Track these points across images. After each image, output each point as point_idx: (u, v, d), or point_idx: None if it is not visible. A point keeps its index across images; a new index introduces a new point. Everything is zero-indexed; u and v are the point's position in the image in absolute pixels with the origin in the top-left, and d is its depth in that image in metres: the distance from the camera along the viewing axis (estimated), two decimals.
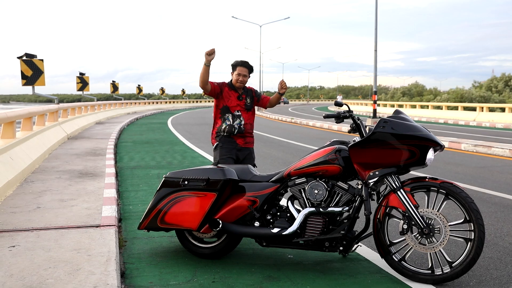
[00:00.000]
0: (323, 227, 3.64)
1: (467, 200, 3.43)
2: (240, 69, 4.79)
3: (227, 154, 4.71)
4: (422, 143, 3.49)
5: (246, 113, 4.84)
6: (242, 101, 4.86)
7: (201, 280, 3.55)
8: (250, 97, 4.92)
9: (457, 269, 3.43)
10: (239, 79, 4.78)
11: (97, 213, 5.00)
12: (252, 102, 4.92)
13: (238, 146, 4.77)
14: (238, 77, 4.78)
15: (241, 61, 4.85)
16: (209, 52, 4.48)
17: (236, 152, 4.76)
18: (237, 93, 4.85)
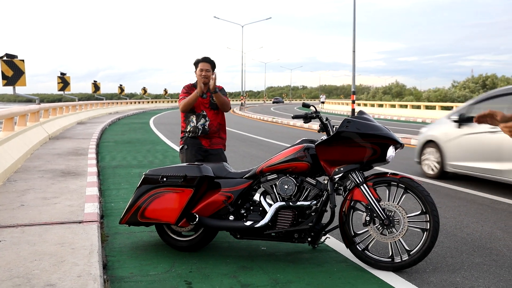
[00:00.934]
0: (292, 219, 3.91)
1: (424, 193, 3.74)
2: (202, 65, 4.80)
3: (192, 158, 4.74)
4: (383, 141, 3.78)
5: (213, 112, 4.83)
6: (207, 99, 4.84)
7: (179, 270, 3.80)
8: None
9: (414, 256, 3.73)
10: (202, 74, 4.77)
11: (79, 210, 5.20)
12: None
13: (203, 147, 4.80)
14: (201, 72, 4.77)
15: (203, 57, 4.88)
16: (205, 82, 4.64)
17: (203, 153, 4.79)
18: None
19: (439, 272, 3.77)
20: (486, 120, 2.59)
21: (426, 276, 3.69)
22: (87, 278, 3.26)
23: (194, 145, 4.80)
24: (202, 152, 4.80)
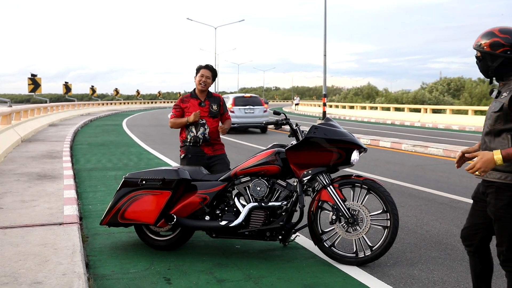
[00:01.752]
0: (265, 219, 4.19)
1: (385, 194, 4.08)
2: (203, 71, 4.95)
3: (195, 164, 4.76)
4: (347, 146, 4.10)
5: (212, 119, 4.94)
6: (206, 107, 4.95)
7: (158, 268, 4.03)
8: (216, 104, 5.02)
9: (376, 252, 4.06)
10: (201, 80, 4.91)
11: (59, 212, 5.36)
12: (219, 110, 5.03)
13: (206, 155, 4.92)
14: (201, 78, 4.91)
15: (205, 65, 5.01)
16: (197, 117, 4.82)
17: (206, 161, 4.89)
18: (199, 99, 4.99)
19: (398, 266, 4.11)
20: (464, 160, 2.96)
21: (387, 269, 4.03)
22: (71, 276, 3.47)
23: (196, 153, 4.89)
24: (205, 160, 4.90)
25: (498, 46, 2.68)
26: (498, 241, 2.76)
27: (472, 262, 3.01)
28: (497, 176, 2.69)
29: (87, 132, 19.53)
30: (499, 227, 2.73)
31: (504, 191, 2.66)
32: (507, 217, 2.67)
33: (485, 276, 2.97)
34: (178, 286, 3.65)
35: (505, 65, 2.70)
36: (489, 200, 2.76)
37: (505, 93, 2.67)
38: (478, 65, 2.82)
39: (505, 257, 2.73)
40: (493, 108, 2.72)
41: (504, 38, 2.68)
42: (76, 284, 3.31)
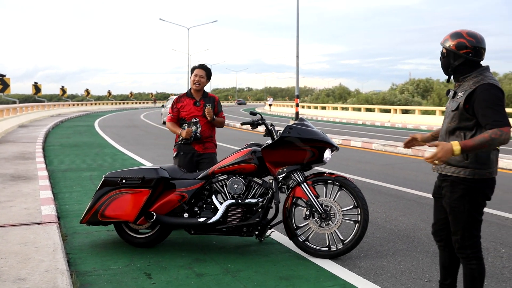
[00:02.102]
0: (241, 215, 4.36)
1: (356, 190, 4.30)
2: (197, 71, 5.06)
3: (185, 164, 4.98)
4: (320, 145, 4.31)
5: (206, 119, 5.03)
6: (200, 107, 5.06)
7: (138, 264, 4.15)
8: (211, 104, 5.11)
9: (348, 245, 4.28)
10: (195, 80, 5.03)
11: (36, 212, 5.41)
12: (213, 109, 5.11)
13: (197, 152, 5.04)
14: (194, 77, 5.04)
15: (200, 65, 5.15)
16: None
17: (196, 158, 5.04)
18: (194, 99, 5.10)
19: (368, 258, 4.34)
20: (413, 144, 3.22)
21: (357, 261, 4.25)
22: (54, 272, 3.56)
23: (187, 151, 5.04)
24: (196, 157, 5.04)
25: (463, 47, 2.92)
26: (453, 230, 3.00)
27: (441, 255, 3.24)
28: (451, 170, 2.93)
29: (58, 133, 19.31)
30: (453, 218, 2.96)
31: (458, 184, 2.90)
32: (461, 208, 2.91)
33: (452, 269, 3.20)
34: (158, 281, 3.78)
35: (464, 65, 2.94)
36: (444, 193, 3.00)
37: (461, 93, 2.91)
38: (441, 61, 3.05)
39: (460, 245, 2.97)
40: (450, 108, 2.96)
41: (469, 41, 2.92)
42: (60, 280, 3.41)
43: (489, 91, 2.79)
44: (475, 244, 2.96)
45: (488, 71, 2.94)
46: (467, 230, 2.94)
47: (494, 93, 2.78)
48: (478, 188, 2.88)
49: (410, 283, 3.78)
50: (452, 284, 3.22)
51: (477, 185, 2.87)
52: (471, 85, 2.87)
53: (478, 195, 2.90)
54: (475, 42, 2.91)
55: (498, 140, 2.70)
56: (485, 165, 2.85)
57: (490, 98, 2.77)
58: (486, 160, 2.85)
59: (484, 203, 2.94)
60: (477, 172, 2.85)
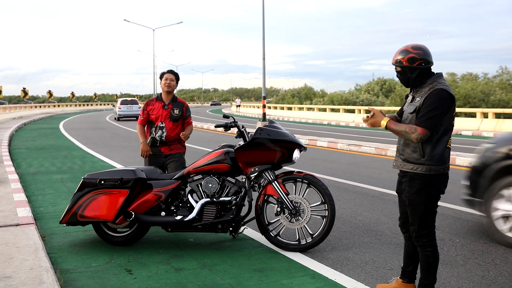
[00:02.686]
0: (216, 213, 4.60)
1: (323, 187, 4.61)
2: (168, 75, 5.44)
3: (153, 161, 5.35)
4: (289, 145, 4.60)
5: (172, 123, 5.36)
6: (168, 110, 5.38)
7: (118, 261, 4.34)
8: (179, 109, 5.43)
9: (316, 239, 4.59)
10: (166, 83, 5.39)
11: (12, 214, 5.50)
12: (181, 115, 5.43)
13: (163, 154, 5.38)
14: (165, 81, 5.40)
15: (168, 70, 5.53)
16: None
17: (163, 159, 5.38)
18: (163, 102, 5.42)
19: (336, 250, 4.66)
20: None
21: (325, 254, 4.56)
22: (39, 270, 3.72)
23: (155, 152, 5.39)
24: (163, 158, 5.39)
25: (415, 60, 3.26)
26: (411, 221, 3.34)
27: (406, 245, 3.58)
28: (410, 167, 3.27)
29: (23, 136, 19.01)
30: (412, 210, 3.31)
31: (416, 179, 3.25)
32: (418, 201, 3.26)
33: (415, 257, 3.53)
34: (139, 276, 3.99)
35: (420, 75, 3.29)
36: (404, 187, 3.34)
37: (418, 98, 3.26)
38: (400, 78, 3.38)
39: (417, 234, 3.31)
40: (409, 110, 3.31)
41: (417, 53, 3.26)
42: (45, 277, 3.57)
43: (437, 95, 3.14)
44: (430, 233, 3.31)
45: (442, 78, 3.29)
46: (423, 221, 3.28)
47: (439, 98, 3.13)
48: (433, 183, 3.23)
49: (374, 271, 4.11)
50: (413, 270, 3.56)
51: (432, 180, 3.22)
52: (427, 90, 3.22)
53: (433, 189, 3.25)
54: (422, 53, 3.26)
55: (409, 135, 3.16)
56: (440, 162, 3.20)
57: (434, 102, 3.13)
58: (440, 157, 3.20)
59: (438, 196, 3.29)
60: (433, 168, 3.19)
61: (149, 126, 5.47)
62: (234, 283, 3.84)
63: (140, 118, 5.51)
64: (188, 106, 5.59)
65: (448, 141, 3.22)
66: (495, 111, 22.34)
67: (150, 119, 5.41)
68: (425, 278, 3.30)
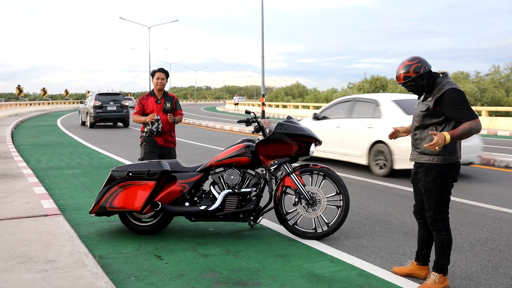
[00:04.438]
0: (238, 203, 4.88)
1: (338, 179, 4.91)
2: (158, 74, 5.97)
3: (150, 148, 5.89)
4: (307, 139, 4.89)
5: (165, 115, 5.93)
6: (160, 104, 5.97)
7: (146, 248, 4.61)
8: (170, 102, 6.05)
9: (332, 227, 4.88)
10: (158, 82, 5.94)
11: (38, 206, 5.74)
12: (171, 107, 6.05)
13: (158, 144, 5.93)
14: (157, 80, 5.94)
15: (159, 68, 6.06)
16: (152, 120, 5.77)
17: (158, 149, 5.93)
18: (156, 97, 5.98)
19: (350, 238, 4.96)
20: (397, 135, 3.88)
21: (341, 241, 4.86)
22: (79, 255, 3.98)
23: (151, 142, 5.92)
24: (158, 148, 5.93)
25: (419, 69, 3.58)
26: (427, 207, 3.65)
27: (420, 230, 3.89)
28: (426, 158, 3.60)
29: (23, 133, 19.15)
30: (428, 197, 3.62)
31: (431, 169, 3.57)
32: (434, 189, 3.58)
33: (429, 241, 3.87)
34: (170, 261, 4.26)
35: (429, 79, 3.62)
36: (420, 177, 3.66)
37: (430, 97, 3.59)
38: (413, 90, 3.71)
39: (432, 219, 3.63)
40: (421, 108, 3.63)
41: (417, 62, 3.62)
42: (86, 260, 3.84)
43: (455, 94, 3.48)
44: (445, 218, 3.62)
45: (447, 77, 3.64)
46: (438, 207, 3.59)
47: (459, 95, 3.48)
48: (447, 171, 3.55)
49: (388, 256, 4.42)
50: (426, 254, 3.88)
51: (447, 169, 3.54)
52: (438, 91, 3.56)
53: (448, 177, 3.57)
54: (420, 60, 3.63)
55: (476, 129, 3.40)
56: (453, 152, 3.53)
57: (458, 99, 3.46)
58: (453, 148, 3.53)
59: (452, 184, 3.61)
60: (447, 158, 3.52)
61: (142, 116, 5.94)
62: (260, 267, 4.12)
63: (135, 111, 6.03)
64: (177, 99, 6.21)
65: None
66: (489, 109, 22.79)
67: (145, 113, 5.93)
68: (440, 259, 3.61)
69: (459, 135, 3.38)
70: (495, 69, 54.22)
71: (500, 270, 4.08)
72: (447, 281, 3.62)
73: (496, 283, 3.80)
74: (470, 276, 3.95)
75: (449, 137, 3.36)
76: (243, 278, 3.85)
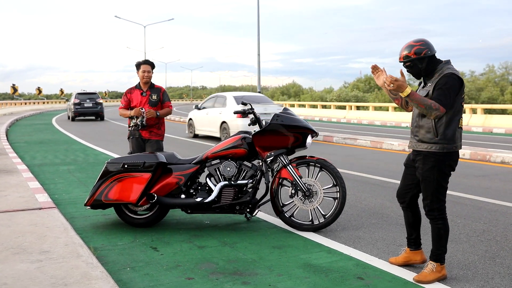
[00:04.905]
0: (234, 195, 4.85)
1: (334, 170, 4.89)
2: (144, 67, 5.83)
3: (136, 145, 5.89)
4: (303, 131, 4.87)
5: (151, 108, 5.80)
6: (146, 97, 5.84)
7: (142, 240, 4.58)
8: (156, 94, 5.90)
9: (329, 219, 4.86)
10: (144, 75, 5.82)
11: (33, 199, 5.69)
12: (158, 99, 5.90)
13: (143, 137, 5.87)
14: (143, 73, 5.82)
15: (143, 60, 5.93)
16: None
17: (142, 142, 5.89)
18: (141, 90, 5.88)
19: (347, 230, 4.94)
20: (377, 73, 3.67)
21: (337, 233, 4.84)
22: (74, 246, 3.94)
23: (136, 135, 5.88)
24: (142, 141, 5.90)
25: (421, 51, 3.54)
26: (424, 196, 3.63)
27: (405, 215, 3.88)
28: (424, 146, 3.56)
29: (18, 131, 19.05)
30: (425, 185, 3.60)
31: (429, 157, 3.54)
32: (431, 177, 3.55)
33: (416, 225, 3.86)
34: (165, 252, 4.23)
35: (429, 64, 3.57)
36: (418, 165, 3.63)
37: (429, 83, 3.55)
38: (411, 72, 3.66)
39: (429, 208, 3.60)
40: (421, 94, 3.58)
41: (420, 45, 3.56)
42: (81, 251, 3.80)
43: (449, 78, 3.43)
44: (441, 207, 3.60)
45: (449, 64, 3.58)
46: (435, 196, 3.57)
47: (451, 80, 3.42)
48: (445, 160, 3.52)
49: (385, 247, 4.40)
50: (417, 238, 3.88)
51: (444, 157, 3.51)
52: (437, 76, 3.50)
53: (445, 166, 3.54)
54: (424, 43, 3.56)
55: (432, 111, 3.33)
56: (452, 141, 3.49)
57: (446, 82, 3.41)
58: (452, 136, 3.48)
59: (449, 173, 3.58)
60: (446, 146, 3.48)
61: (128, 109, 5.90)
62: (257, 258, 4.10)
63: (120, 105, 6.00)
64: (165, 91, 6.07)
65: (460, 121, 3.51)
66: (484, 107, 22.85)
67: (130, 106, 5.86)
68: (437, 248, 3.59)
69: (416, 100, 3.35)
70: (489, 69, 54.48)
71: (497, 260, 4.07)
72: (444, 270, 3.61)
73: (493, 272, 3.79)
74: (467, 265, 3.94)
75: (408, 91, 3.32)
76: (239, 269, 3.83)
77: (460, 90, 3.47)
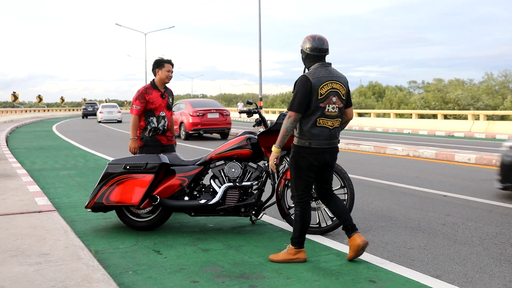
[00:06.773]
0: (239, 197, 4.71)
1: (342, 171, 4.76)
2: (168, 66, 5.25)
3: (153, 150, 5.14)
4: None
5: (168, 112, 5.37)
6: (165, 99, 5.31)
7: (144, 243, 4.43)
8: (171, 97, 5.45)
9: (336, 222, 4.71)
10: (169, 75, 5.26)
11: (32, 203, 5.56)
12: (172, 102, 5.51)
13: (162, 144, 5.30)
14: (168, 73, 5.24)
15: (168, 59, 5.28)
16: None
17: (161, 150, 5.23)
18: (160, 91, 5.28)
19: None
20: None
21: (345, 236, 4.66)
22: (74, 248, 3.81)
23: (154, 142, 5.24)
24: (161, 148, 5.26)
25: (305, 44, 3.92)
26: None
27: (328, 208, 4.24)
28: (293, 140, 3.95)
29: (18, 138, 18.94)
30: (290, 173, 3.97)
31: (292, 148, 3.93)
32: (291, 166, 3.93)
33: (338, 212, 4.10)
34: (169, 255, 4.09)
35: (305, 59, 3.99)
36: None
37: None
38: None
39: (292, 194, 3.98)
40: None
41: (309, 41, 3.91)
42: (82, 253, 3.66)
43: (299, 81, 3.76)
44: (300, 197, 3.90)
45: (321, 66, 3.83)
46: (293, 184, 3.94)
47: (299, 82, 3.75)
48: (300, 152, 3.85)
49: (395, 250, 4.26)
50: (345, 222, 4.03)
51: (299, 149, 3.85)
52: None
53: (300, 158, 3.86)
54: (312, 40, 3.85)
55: (287, 124, 3.78)
56: (305, 136, 3.81)
57: (295, 86, 3.78)
58: (306, 132, 3.80)
59: (304, 165, 3.85)
60: (299, 140, 3.85)
61: (144, 116, 5.25)
62: (263, 260, 3.96)
63: (136, 108, 5.21)
64: (171, 91, 5.56)
65: (318, 120, 3.78)
66: (486, 113, 22.75)
67: (148, 108, 5.21)
68: (293, 232, 3.95)
69: (279, 139, 3.86)
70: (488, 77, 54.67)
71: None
72: (302, 254, 3.89)
73: (510, 275, 3.64)
74: (482, 268, 3.80)
75: (275, 149, 3.89)
76: (246, 272, 3.69)
77: (311, 91, 3.70)
